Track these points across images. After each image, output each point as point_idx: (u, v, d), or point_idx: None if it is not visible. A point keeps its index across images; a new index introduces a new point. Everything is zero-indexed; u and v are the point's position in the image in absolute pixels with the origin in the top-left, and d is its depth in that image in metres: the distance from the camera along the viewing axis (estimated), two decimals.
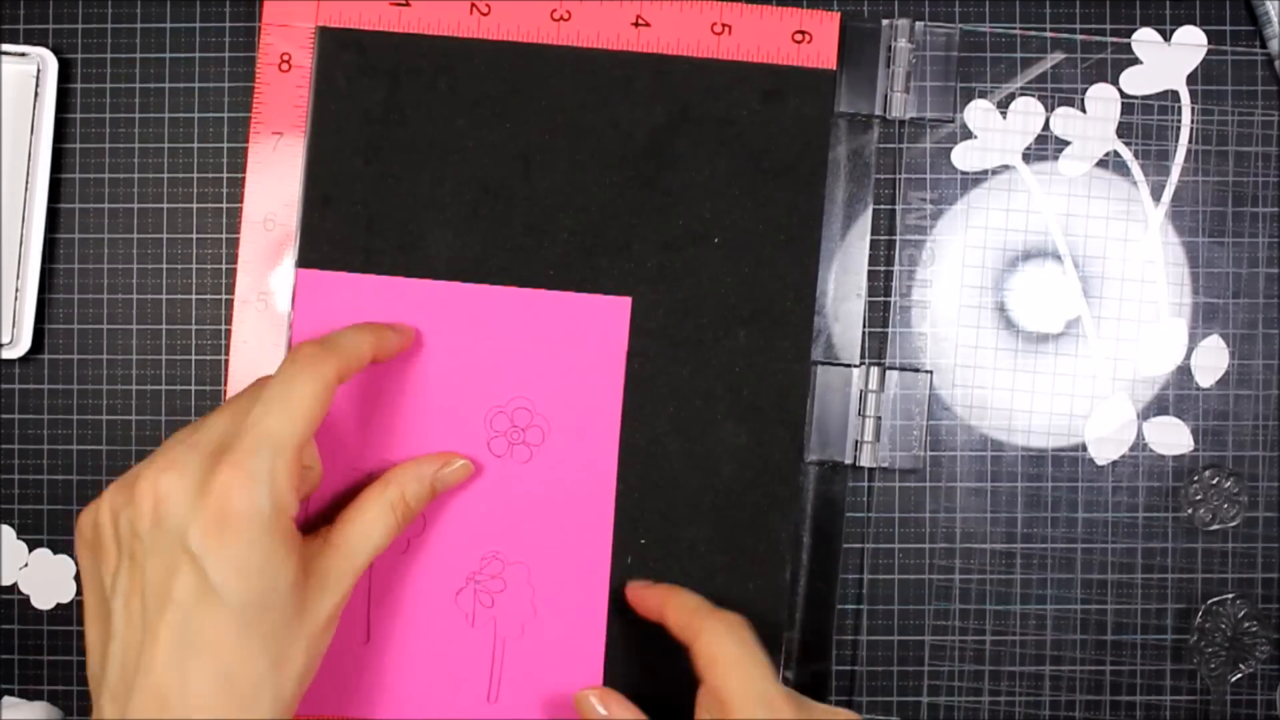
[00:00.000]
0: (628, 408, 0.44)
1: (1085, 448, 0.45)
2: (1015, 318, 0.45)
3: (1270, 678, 0.45)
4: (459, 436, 0.44)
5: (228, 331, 0.45)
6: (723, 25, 0.44)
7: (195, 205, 0.46)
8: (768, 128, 0.44)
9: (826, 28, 0.44)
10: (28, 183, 0.45)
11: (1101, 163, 0.45)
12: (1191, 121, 0.45)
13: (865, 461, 0.44)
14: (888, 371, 0.44)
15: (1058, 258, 0.45)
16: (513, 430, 0.44)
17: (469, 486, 0.44)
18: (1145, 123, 0.45)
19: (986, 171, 0.45)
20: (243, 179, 0.45)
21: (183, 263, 0.46)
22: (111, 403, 0.46)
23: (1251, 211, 0.45)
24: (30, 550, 0.46)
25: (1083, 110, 0.45)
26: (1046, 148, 0.45)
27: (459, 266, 0.44)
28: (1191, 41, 0.45)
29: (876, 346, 0.45)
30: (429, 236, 0.44)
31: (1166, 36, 0.45)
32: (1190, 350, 0.45)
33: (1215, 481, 0.45)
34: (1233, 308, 0.45)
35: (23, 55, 0.45)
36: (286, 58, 0.44)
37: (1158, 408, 0.45)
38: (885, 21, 0.44)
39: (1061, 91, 0.45)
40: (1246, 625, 0.45)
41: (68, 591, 0.46)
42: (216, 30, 0.46)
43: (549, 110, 0.44)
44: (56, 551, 0.46)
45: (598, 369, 0.44)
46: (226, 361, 0.45)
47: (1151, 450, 0.45)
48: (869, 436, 0.44)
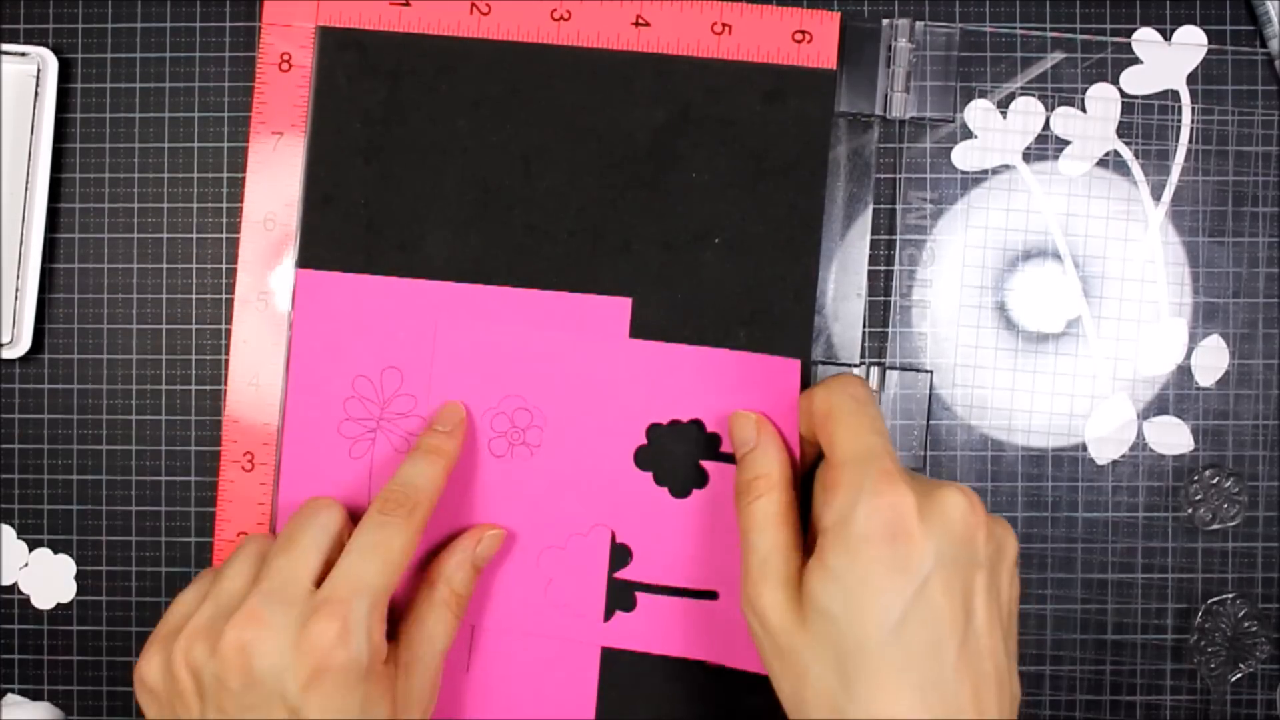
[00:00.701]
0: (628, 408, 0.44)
1: (1085, 447, 0.45)
2: (1015, 317, 0.45)
3: (1270, 678, 0.45)
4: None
5: (228, 331, 0.45)
6: (723, 25, 0.44)
7: (195, 205, 0.46)
8: (768, 128, 0.44)
9: (827, 27, 0.44)
10: (28, 182, 0.45)
11: (1101, 162, 0.45)
12: (1191, 121, 0.45)
13: None
14: (888, 371, 0.44)
15: (1058, 257, 0.45)
16: (513, 431, 0.44)
17: (468, 487, 0.44)
18: (1145, 122, 0.45)
19: (986, 171, 0.45)
20: (243, 179, 0.45)
21: (183, 262, 0.46)
22: (111, 403, 0.46)
23: (1251, 211, 0.45)
24: (30, 550, 0.46)
25: (1083, 110, 0.45)
26: (1046, 147, 0.45)
27: (459, 266, 0.44)
28: (1191, 41, 0.45)
29: (876, 346, 0.45)
30: (429, 236, 0.44)
31: (1167, 36, 0.45)
32: (1190, 350, 0.45)
33: (1215, 481, 0.45)
34: (1233, 308, 0.45)
35: (23, 55, 0.45)
36: (286, 58, 0.44)
37: (1158, 407, 0.45)
38: (885, 21, 0.44)
39: (1061, 91, 0.45)
40: (1246, 625, 0.45)
41: (68, 591, 0.46)
42: (216, 30, 0.46)
43: (549, 110, 0.44)
44: (56, 551, 0.46)
45: (598, 369, 0.44)
46: (226, 361, 0.45)
47: (1151, 450, 0.45)
48: None
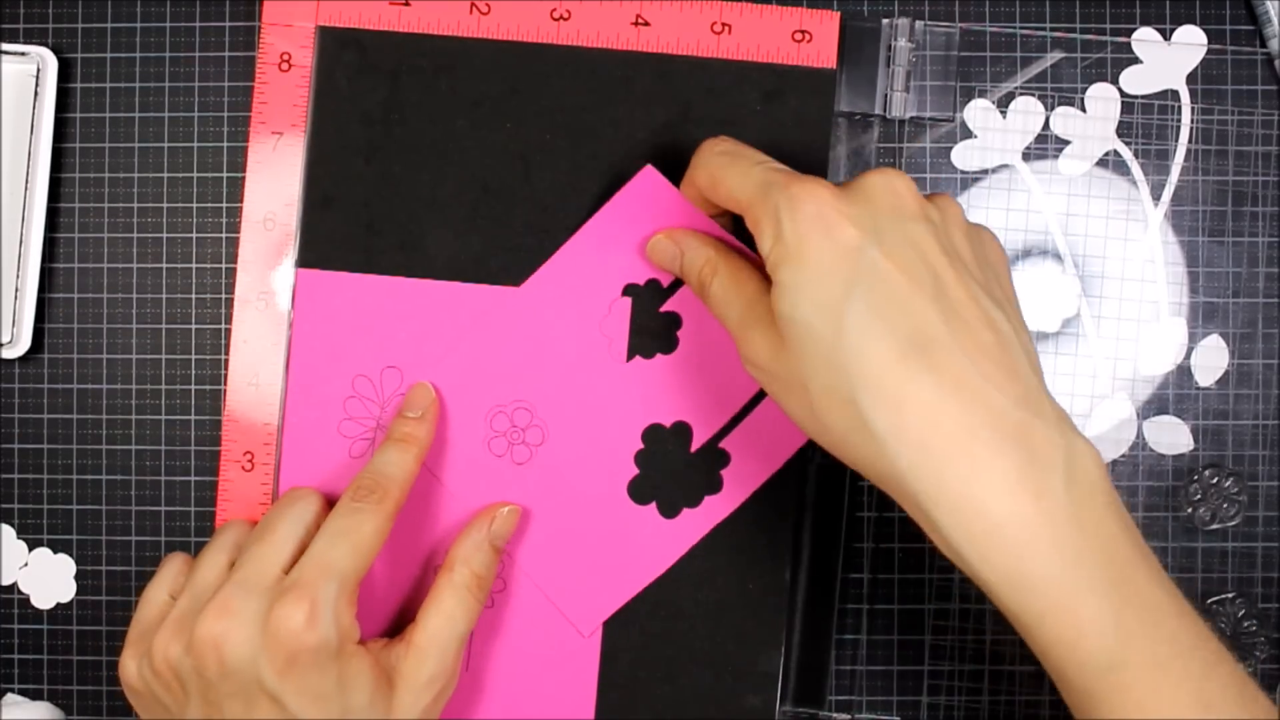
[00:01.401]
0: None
1: None
2: None
3: (1270, 677, 0.45)
4: (459, 436, 0.44)
5: (228, 331, 0.45)
6: (723, 25, 0.44)
7: (195, 205, 0.46)
8: (768, 128, 0.44)
9: (826, 27, 0.44)
10: (28, 182, 0.45)
11: (1101, 162, 0.45)
12: (1191, 121, 0.45)
13: None
14: None
15: (1058, 257, 0.45)
16: (513, 430, 0.44)
17: (468, 487, 0.44)
18: (1145, 122, 0.45)
19: (986, 171, 0.45)
20: (243, 179, 0.45)
21: (183, 262, 0.46)
22: (111, 402, 0.46)
23: (1251, 211, 0.45)
24: (30, 550, 0.46)
25: (1083, 110, 0.45)
26: (1046, 147, 0.45)
27: (459, 266, 0.44)
28: (1191, 41, 0.45)
29: None
30: (429, 236, 0.44)
31: (1166, 36, 0.45)
32: (1190, 350, 0.45)
33: (1215, 481, 0.45)
34: (1232, 307, 0.45)
35: (23, 55, 0.45)
36: (286, 58, 0.44)
37: (1157, 407, 0.45)
38: (885, 21, 0.44)
39: (1061, 91, 0.45)
40: (1246, 625, 0.45)
41: (68, 591, 0.46)
42: (216, 30, 0.46)
43: (549, 110, 0.44)
44: (56, 551, 0.46)
45: (598, 369, 0.44)
46: (226, 361, 0.45)
47: (1151, 450, 0.45)
48: None
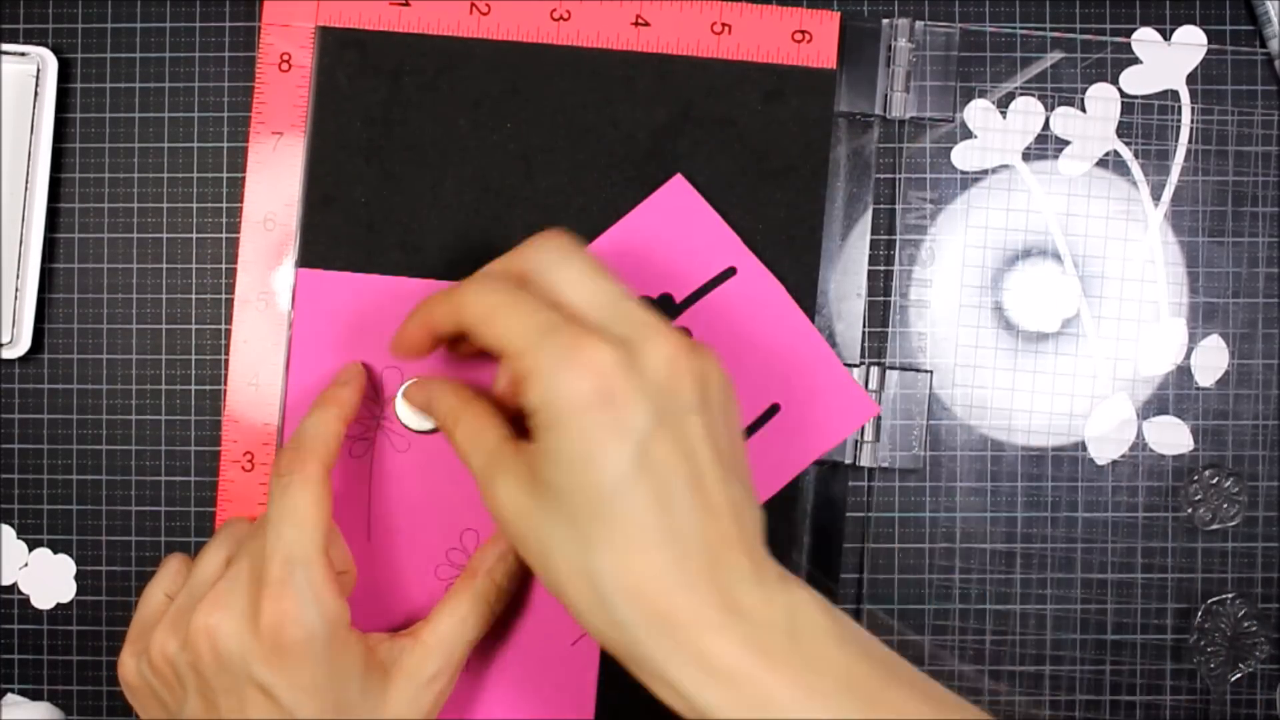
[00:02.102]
0: None
1: (1085, 447, 0.45)
2: (1015, 317, 0.45)
3: (1270, 678, 0.45)
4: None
5: (228, 331, 0.45)
6: (723, 25, 0.44)
7: (195, 205, 0.46)
8: (768, 128, 0.44)
9: (826, 27, 0.44)
10: (28, 182, 0.45)
11: (1101, 162, 0.45)
12: (1191, 121, 0.45)
13: (865, 461, 0.44)
14: (888, 371, 0.44)
15: (1057, 257, 0.45)
16: None
17: (469, 487, 0.44)
18: (1145, 122, 0.45)
19: (986, 171, 0.45)
20: (243, 179, 0.45)
21: (183, 262, 0.46)
22: (111, 403, 0.46)
23: (1251, 211, 0.45)
24: (30, 550, 0.46)
25: (1083, 110, 0.45)
26: (1046, 147, 0.45)
27: (459, 266, 0.44)
28: (1191, 41, 0.45)
29: (876, 346, 0.45)
30: (429, 236, 0.44)
31: (1166, 36, 0.45)
32: (1190, 350, 0.45)
33: (1215, 481, 0.45)
34: (1233, 308, 0.45)
35: (23, 55, 0.45)
36: (286, 58, 0.44)
37: (1157, 407, 0.45)
38: (885, 21, 0.44)
39: (1061, 91, 0.45)
40: (1246, 625, 0.45)
41: (68, 591, 0.46)
42: (216, 30, 0.46)
43: (549, 110, 0.44)
44: (56, 551, 0.46)
45: None
46: (226, 361, 0.45)
47: (1151, 450, 0.45)
48: (869, 436, 0.44)
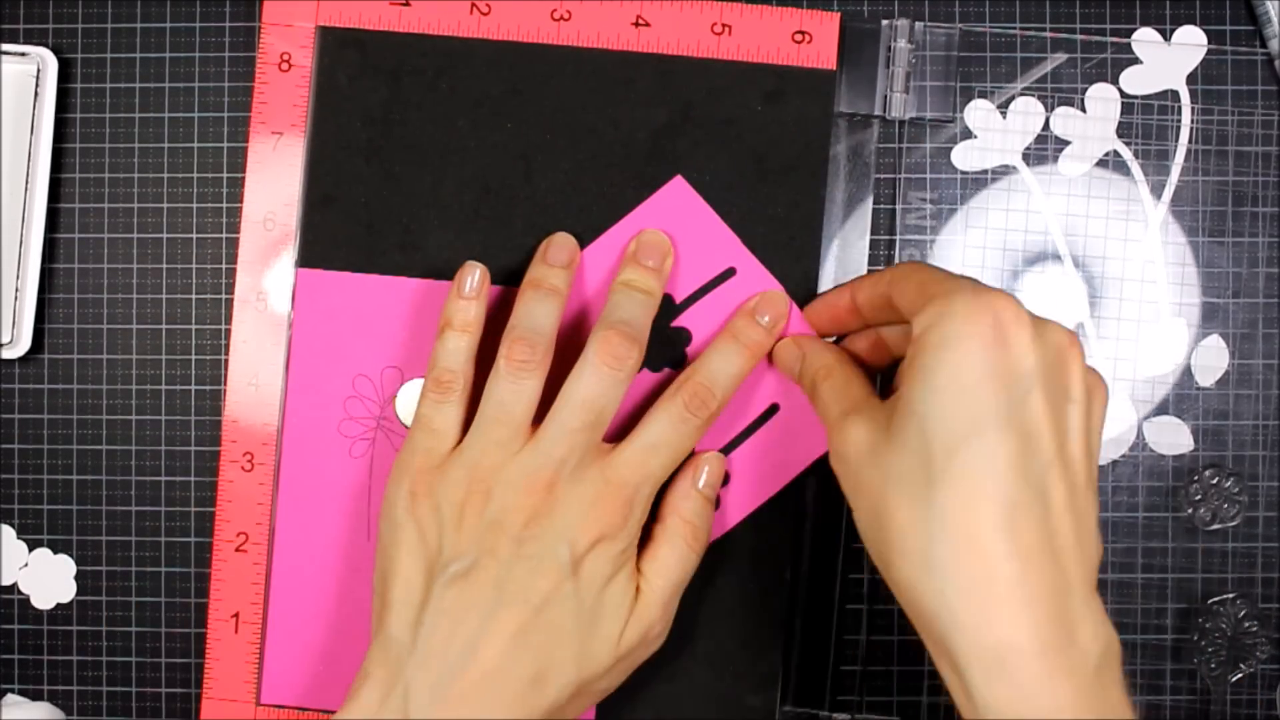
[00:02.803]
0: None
1: None
2: None
3: (1270, 678, 0.45)
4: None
5: (228, 331, 0.45)
6: (723, 25, 0.44)
7: (195, 205, 0.46)
8: (768, 128, 0.44)
9: (826, 28, 0.44)
10: (28, 182, 0.45)
11: (1101, 163, 0.45)
12: (1191, 121, 0.45)
13: None
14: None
15: (1058, 258, 0.45)
16: None
17: None
18: (1145, 123, 0.45)
19: (987, 172, 0.45)
20: (243, 179, 0.45)
21: (183, 262, 0.46)
22: (111, 403, 0.46)
23: (1251, 211, 0.45)
24: (30, 550, 0.46)
25: (1083, 110, 0.45)
26: (1046, 148, 0.45)
27: (459, 266, 0.44)
28: (1191, 41, 0.45)
29: None
30: (429, 236, 0.44)
31: (1166, 36, 0.45)
32: (1190, 350, 0.45)
33: (1215, 481, 0.45)
34: (1233, 308, 0.45)
35: (23, 55, 0.45)
36: (286, 58, 0.44)
37: (1158, 407, 0.45)
38: (885, 22, 0.44)
39: (1061, 91, 0.45)
40: (1246, 625, 0.45)
41: (68, 591, 0.46)
42: (216, 30, 0.46)
43: (549, 110, 0.44)
44: (56, 551, 0.46)
45: None
46: (226, 361, 0.45)
47: (1151, 450, 0.45)
48: None
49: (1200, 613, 0.45)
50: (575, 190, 0.44)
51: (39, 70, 0.45)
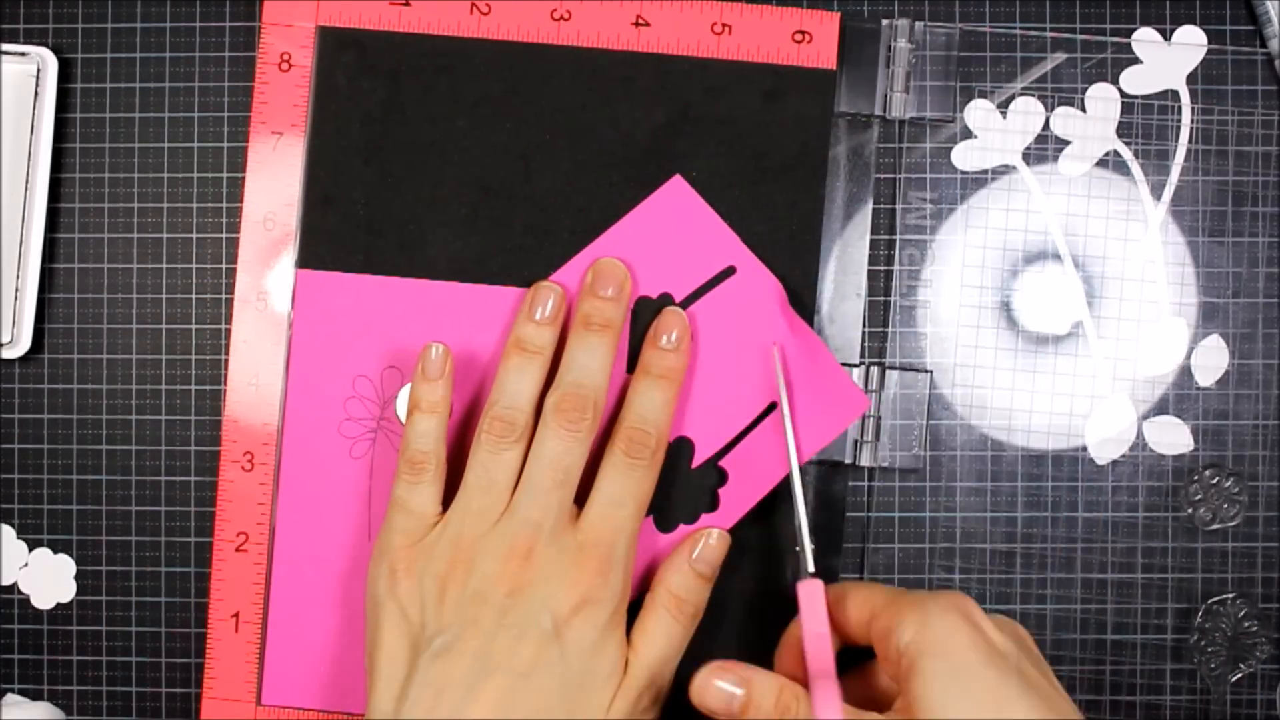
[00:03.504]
0: None
1: (1085, 447, 0.45)
2: (1015, 317, 0.45)
3: (1270, 678, 0.45)
4: (459, 438, 0.44)
5: (228, 331, 0.45)
6: (723, 25, 0.44)
7: (195, 205, 0.46)
8: (768, 127, 0.44)
9: (826, 28, 0.44)
10: (28, 182, 0.45)
11: (1102, 162, 0.45)
12: (1191, 121, 0.45)
13: (865, 461, 0.44)
14: (888, 371, 0.44)
15: (1058, 257, 0.45)
16: None
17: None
18: (1145, 122, 0.45)
19: (987, 171, 0.45)
20: (243, 179, 0.45)
21: (183, 262, 0.46)
22: (111, 403, 0.46)
23: (1251, 211, 0.45)
24: (30, 550, 0.46)
25: (1083, 110, 0.45)
26: (1046, 148, 0.45)
27: (459, 266, 0.44)
28: (1191, 41, 0.45)
29: (877, 346, 0.45)
30: (429, 236, 0.44)
31: (1166, 36, 0.45)
32: (1190, 350, 0.45)
33: (1215, 481, 0.45)
34: (1233, 308, 0.45)
35: (23, 55, 0.45)
36: (286, 58, 0.44)
37: (1158, 407, 0.45)
38: (885, 21, 0.44)
39: (1061, 91, 0.45)
40: (1246, 625, 0.45)
41: (68, 591, 0.46)
42: (216, 30, 0.46)
43: (549, 110, 0.44)
44: (56, 551, 0.46)
45: None
46: (226, 361, 0.45)
47: (1151, 450, 0.45)
48: (869, 436, 0.44)
49: (1200, 613, 0.45)
50: (575, 190, 0.44)
51: (39, 70, 0.45)
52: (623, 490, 0.40)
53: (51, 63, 0.45)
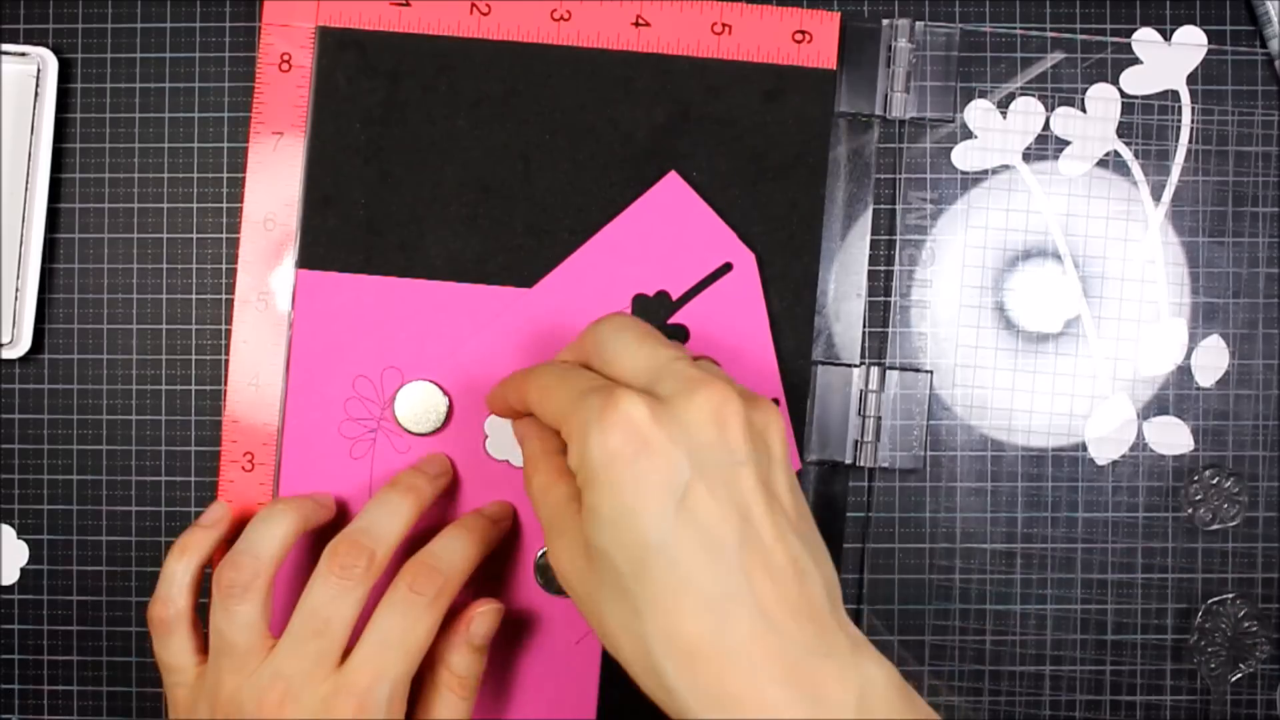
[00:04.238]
0: None
1: (1085, 447, 0.45)
2: (1015, 317, 0.45)
3: (1270, 678, 0.45)
4: (459, 438, 0.44)
5: (228, 331, 0.45)
6: (723, 25, 0.44)
7: (195, 205, 0.46)
8: (768, 127, 0.44)
9: (826, 28, 0.44)
10: (28, 182, 0.45)
11: (1101, 163, 0.45)
12: (1191, 121, 0.45)
13: (865, 461, 0.44)
14: (888, 371, 0.44)
15: (1058, 258, 0.45)
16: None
17: (467, 488, 0.44)
18: (1145, 123, 0.45)
19: (986, 171, 0.45)
20: (243, 179, 0.45)
21: (183, 263, 0.46)
22: (111, 403, 0.46)
23: (1251, 211, 0.45)
24: (30, 550, 0.46)
25: (1083, 110, 0.45)
26: (1046, 147, 0.45)
27: (459, 266, 0.44)
28: (1191, 41, 0.45)
29: (876, 346, 0.45)
30: (429, 236, 0.44)
31: (1166, 36, 0.45)
32: (1190, 350, 0.45)
33: (1215, 481, 0.45)
34: (1233, 308, 0.45)
35: (23, 55, 0.45)
36: (286, 58, 0.44)
37: (1158, 407, 0.45)
38: (885, 21, 0.44)
39: (1061, 91, 0.45)
40: (1246, 625, 0.45)
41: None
42: (216, 30, 0.46)
43: (549, 110, 0.44)
44: (56, 551, 0.46)
45: None
46: (226, 361, 0.45)
47: (1151, 450, 0.45)
48: (869, 436, 0.44)
49: (1200, 613, 0.45)
50: (574, 190, 0.44)
51: (39, 70, 0.45)
52: (399, 631, 0.38)
53: (52, 63, 0.45)
